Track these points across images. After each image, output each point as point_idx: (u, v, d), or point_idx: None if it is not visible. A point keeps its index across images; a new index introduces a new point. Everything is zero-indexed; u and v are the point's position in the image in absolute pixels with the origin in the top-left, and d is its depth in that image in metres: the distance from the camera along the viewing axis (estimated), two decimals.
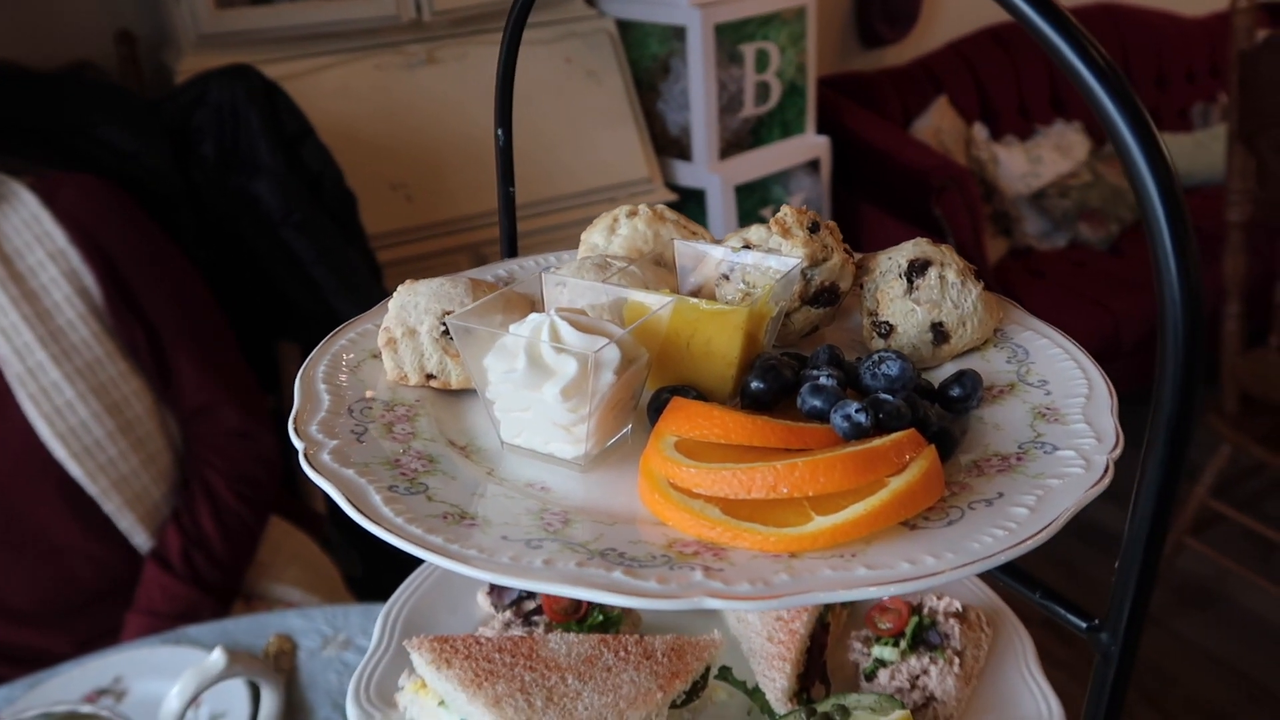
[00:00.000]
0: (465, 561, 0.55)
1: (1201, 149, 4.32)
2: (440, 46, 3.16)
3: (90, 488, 1.83)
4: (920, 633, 0.88)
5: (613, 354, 0.66)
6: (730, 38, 3.32)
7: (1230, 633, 3.14)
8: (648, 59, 3.41)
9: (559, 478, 0.68)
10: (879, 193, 3.78)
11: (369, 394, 0.76)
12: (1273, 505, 3.37)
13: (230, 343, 2.07)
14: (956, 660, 0.86)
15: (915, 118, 4.02)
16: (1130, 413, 0.68)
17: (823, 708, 0.78)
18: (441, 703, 0.83)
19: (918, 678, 0.85)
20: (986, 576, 0.70)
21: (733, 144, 3.45)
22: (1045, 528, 0.56)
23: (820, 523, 0.57)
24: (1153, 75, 4.63)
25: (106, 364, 1.84)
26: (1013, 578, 0.57)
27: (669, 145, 3.45)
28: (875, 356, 0.70)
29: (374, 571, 2.42)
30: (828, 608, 0.94)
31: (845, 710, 0.77)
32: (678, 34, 3.29)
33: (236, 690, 1.57)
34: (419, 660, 0.84)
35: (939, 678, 0.84)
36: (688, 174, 3.41)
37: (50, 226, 1.82)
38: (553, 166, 3.21)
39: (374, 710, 0.86)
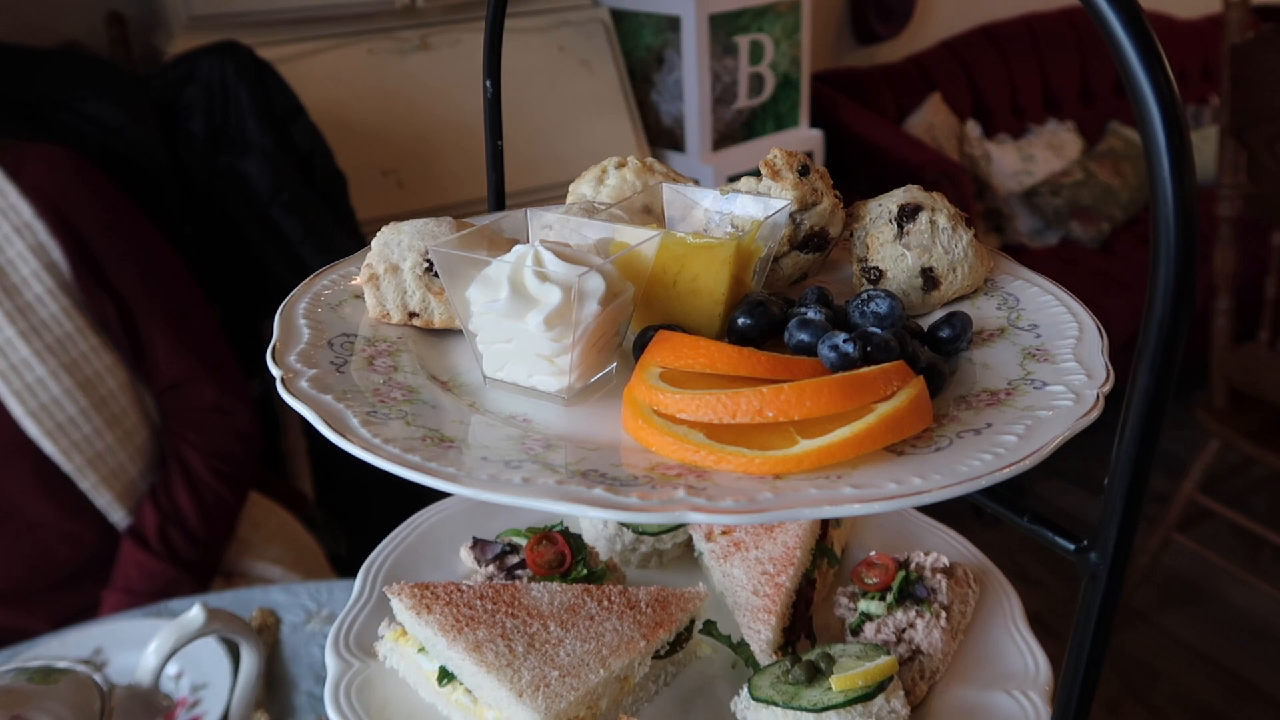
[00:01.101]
0: (442, 477, 0.53)
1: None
2: (433, 33, 3.14)
3: (65, 465, 1.81)
4: (907, 587, 0.87)
5: (597, 283, 0.65)
6: (724, 29, 3.31)
7: (1217, 629, 3.14)
8: (641, 49, 3.41)
9: (542, 411, 0.67)
10: (871, 187, 3.77)
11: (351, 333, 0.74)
12: (1260, 501, 3.38)
13: (206, 317, 2.05)
14: (943, 614, 0.85)
15: (908, 114, 4.02)
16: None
17: (808, 656, 0.77)
18: (421, 649, 0.82)
19: (904, 631, 0.84)
20: (973, 526, 0.69)
21: (726, 136, 3.45)
22: (1034, 453, 0.55)
23: (805, 445, 0.56)
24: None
25: (77, 339, 1.82)
26: (999, 504, 0.56)
27: (662, 136, 3.45)
28: (864, 295, 0.69)
29: (359, 551, 2.40)
30: (814, 564, 0.93)
31: (830, 659, 0.76)
32: (672, 24, 3.28)
33: (218, 662, 1.55)
34: (399, 606, 0.83)
35: (925, 631, 0.83)
36: (680, 165, 3.41)
37: (15, 199, 1.79)
38: (544, 155, 3.20)
39: (353, 659, 0.85)
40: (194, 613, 1.04)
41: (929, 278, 0.77)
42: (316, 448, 2.55)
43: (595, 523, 1.01)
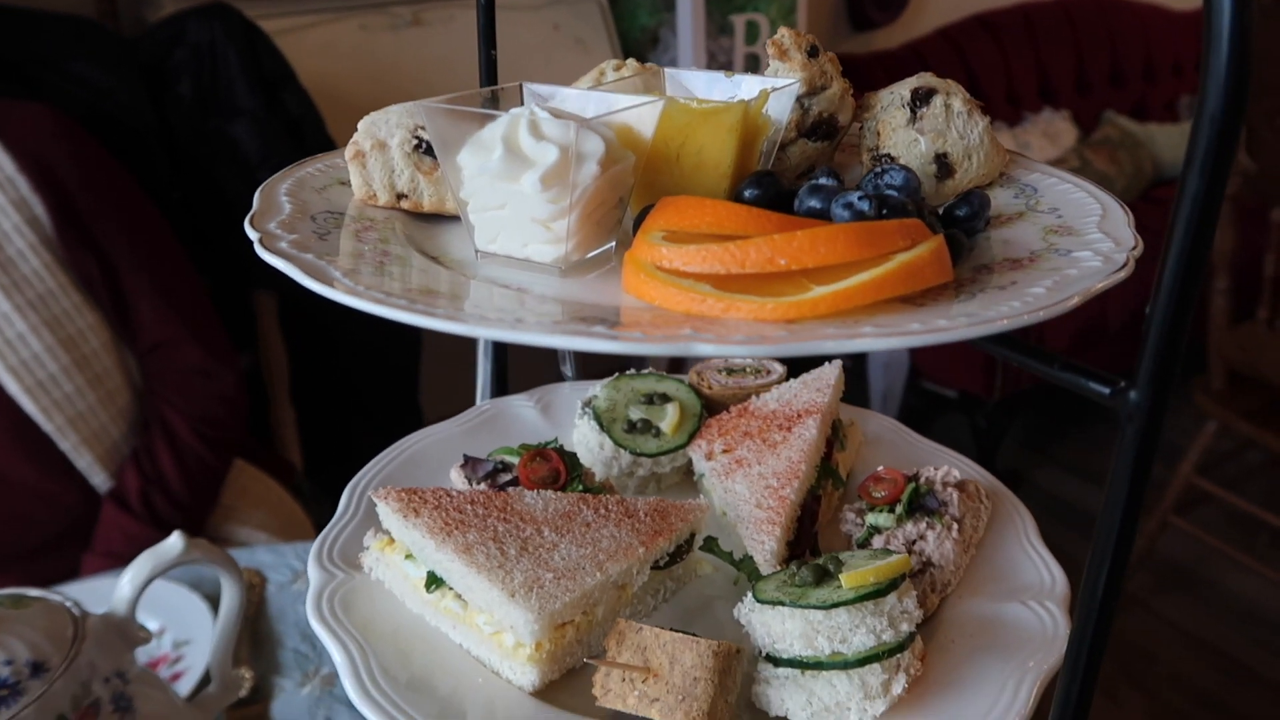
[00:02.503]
0: (430, 315, 0.49)
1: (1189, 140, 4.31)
2: (426, 9, 3.11)
3: (45, 424, 1.77)
4: (917, 499, 0.83)
5: (596, 143, 0.61)
6: (720, 9, 3.29)
7: (1213, 613, 3.12)
8: (637, 30, 3.38)
9: (538, 283, 0.63)
10: None
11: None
12: (1257, 485, 3.35)
13: (191, 278, 2.01)
14: (955, 526, 0.81)
15: None
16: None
17: (816, 561, 0.73)
18: (408, 556, 0.78)
19: (914, 543, 0.80)
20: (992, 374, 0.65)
21: None
22: (1062, 301, 0.52)
23: (820, 290, 0.52)
24: (1140, 68, 4.63)
25: (60, 296, 1.78)
26: (1028, 356, 0.52)
27: None
28: (878, 169, 0.66)
29: None
30: (820, 479, 0.90)
31: (839, 562, 0.72)
32: (667, 4, 3.25)
33: (201, 618, 1.51)
34: (385, 510, 0.78)
35: (936, 542, 0.80)
36: None
37: None
38: None
39: (336, 571, 0.81)
40: (172, 540, 1.00)
41: (943, 164, 0.74)
42: (306, 419, 2.51)
43: (591, 445, 0.97)
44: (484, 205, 0.63)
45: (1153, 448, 0.47)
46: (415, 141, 0.71)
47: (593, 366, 1.15)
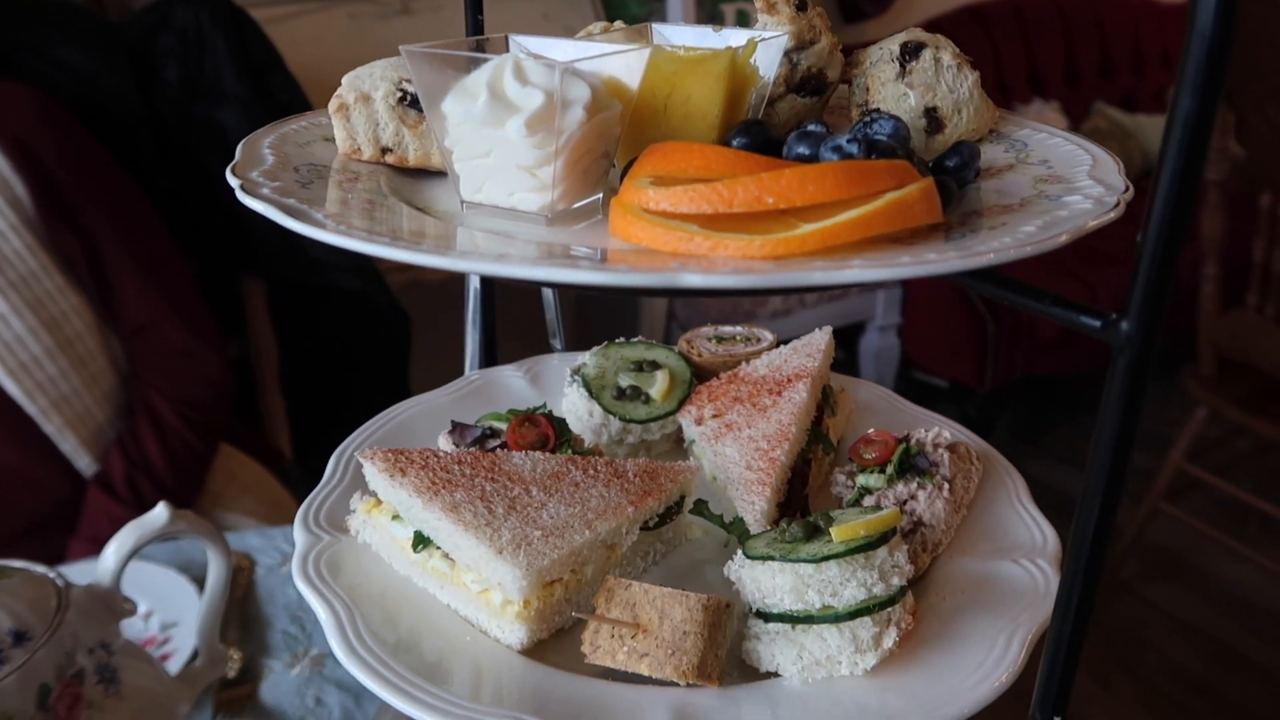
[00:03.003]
0: (416, 250, 0.49)
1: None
2: None
3: (28, 406, 1.75)
4: (908, 460, 0.83)
5: (582, 89, 0.61)
6: None
7: (1204, 600, 3.12)
8: (627, 18, 3.36)
9: (523, 231, 0.62)
10: None
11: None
12: (1246, 472, 3.36)
13: (175, 260, 1.99)
14: (946, 486, 0.81)
15: None
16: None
17: (808, 519, 0.73)
18: (395, 517, 0.77)
19: (905, 503, 0.80)
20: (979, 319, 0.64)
21: None
22: (1053, 237, 0.51)
23: (809, 227, 0.52)
24: (1130, 58, 4.65)
25: (42, 278, 1.76)
26: (1020, 294, 0.52)
27: None
28: (866, 119, 0.65)
29: None
30: (810, 443, 0.89)
31: (830, 519, 0.72)
32: None
33: (188, 600, 1.50)
34: (372, 471, 0.78)
35: (927, 502, 0.79)
36: None
37: None
38: None
39: (322, 534, 0.80)
40: (157, 511, 0.98)
41: (933, 118, 0.73)
42: (295, 407, 2.50)
43: (580, 412, 0.96)
44: (469, 153, 0.63)
45: (1144, 380, 0.46)
46: (400, 94, 0.70)
47: (583, 339, 1.14)
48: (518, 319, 1.38)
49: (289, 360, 2.50)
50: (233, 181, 0.61)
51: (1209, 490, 3.09)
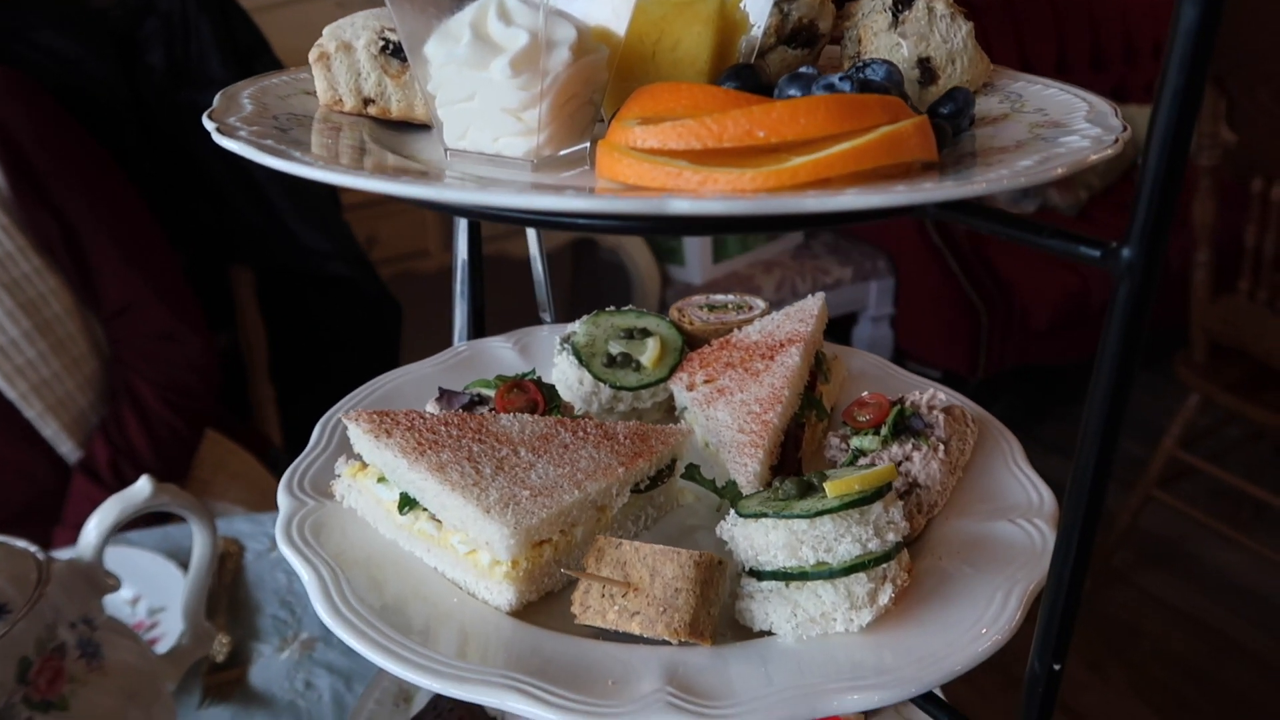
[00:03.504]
0: (397, 181, 0.47)
1: None
2: None
3: (8, 391, 1.73)
4: (902, 421, 0.81)
5: (567, 30, 0.59)
6: None
7: (1197, 587, 3.12)
8: None
9: (509, 178, 0.60)
10: None
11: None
12: (1239, 459, 3.36)
13: (157, 243, 1.97)
14: (941, 448, 0.79)
15: None
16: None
17: (801, 477, 0.72)
18: (381, 479, 0.76)
19: (900, 464, 0.79)
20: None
21: None
22: (1049, 169, 0.50)
23: (800, 159, 0.50)
24: (1120, 49, 4.65)
25: (19, 260, 1.74)
26: (1016, 228, 0.51)
27: None
28: (859, 63, 0.64)
29: None
30: (803, 409, 0.88)
31: (824, 477, 0.70)
32: None
33: (175, 585, 1.48)
34: (357, 432, 0.76)
35: (923, 463, 0.78)
36: None
37: None
38: None
39: (307, 499, 0.78)
40: (140, 484, 0.97)
41: (926, 69, 0.72)
42: (285, 396, 2.48)
43: (570, 380, 0.95)
44: (452, 97, 0.61)
45: (1145, 308, 0.45)
46: (382, 43, 0.69)
47: (575, 309, 1.13)
48: (507, 303, 1.36)
49: (278, 349, 2.48)
50: (209, 125, 0.59)
51: (1202, 477, 3.09)
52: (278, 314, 2.48)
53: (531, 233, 1.10)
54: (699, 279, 3.53)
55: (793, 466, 0.84)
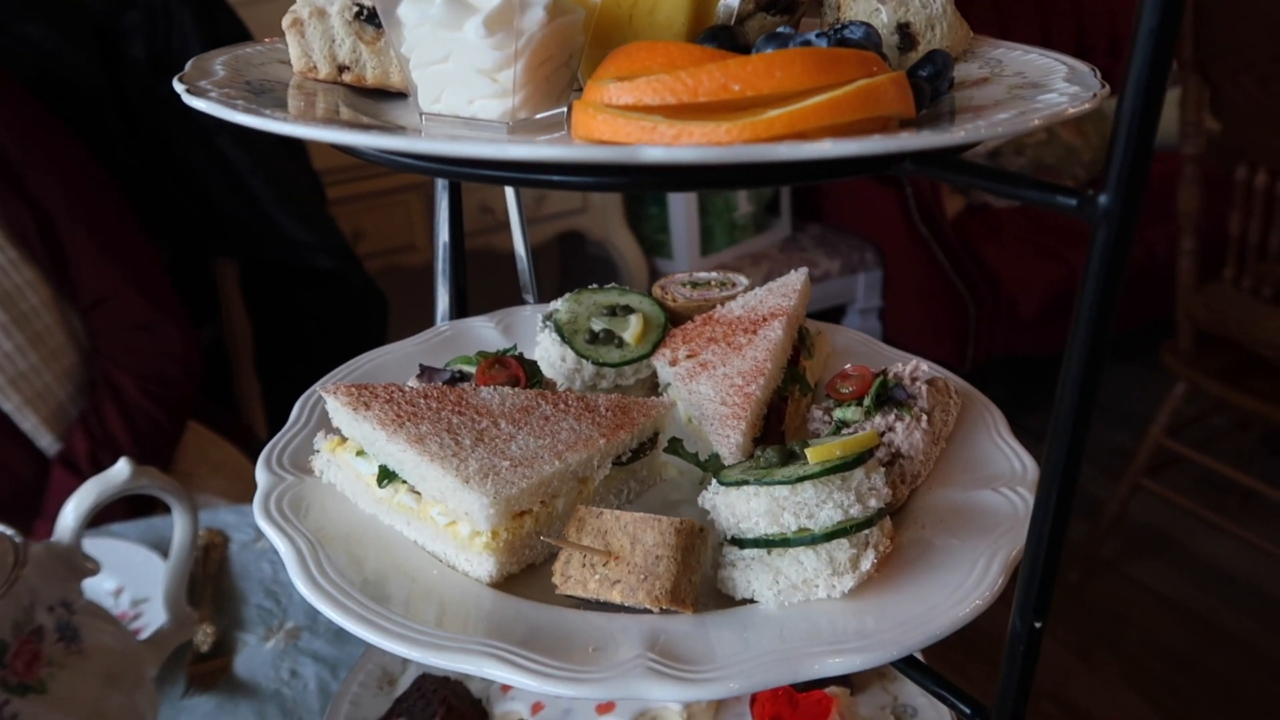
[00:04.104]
0: (370, 132, 0.47)
1: None
2: None
3: None
4: (885, 392, 0.81)
5: None
6: None
7: (1185, 575, 3.13)
8: None
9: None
10: None
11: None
12: (1226, 447, 3.38)
13: (134, 232, 1.94)
14: (924, 418, 0.79)
15: None
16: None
17: (783, 446, 0.71)
18: (360, 453, 0.75)
19: (883, 434, 0.78)
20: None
21: None
22: (1028, 121, 0.50)
23: (776, 111, 0.50)
24: (1106, 41, 4.66)
25: None
26: (993, 180, 0.50)
27: None
28: (837, 25, 0.64)
29: None
30: (786, 381, 0.88)
31: (806, 444, 0.70)
32: None
33: (158, 575, 1.47)
34: (335, 405, 0.75)
35: (905, 433, 0.78)
36: None
37: None
38: None
39: (285, 474, 0.78)
40: (118, 467, 0.96)
41: (905, 35, 0.72)
42: (270, 389, 2.46)
43: (553, 358, 0.94)
44: (427, 59, 0.60)
45: (1123, 255, 0.45)
46: (356, 8, 0.68)
47: (558, 288, 1.12)
48: (492, 296, 1.35)
49: (264, 342, 2.47)
50: (179, 87, 0.58)
51: (1189, 466, 3.10)
52: (263, 307, 2.47)
53: (513, 206, 1.09)
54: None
55: (775, 440, 0.83)
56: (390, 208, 3.12)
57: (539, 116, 0.63)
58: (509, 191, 1.10)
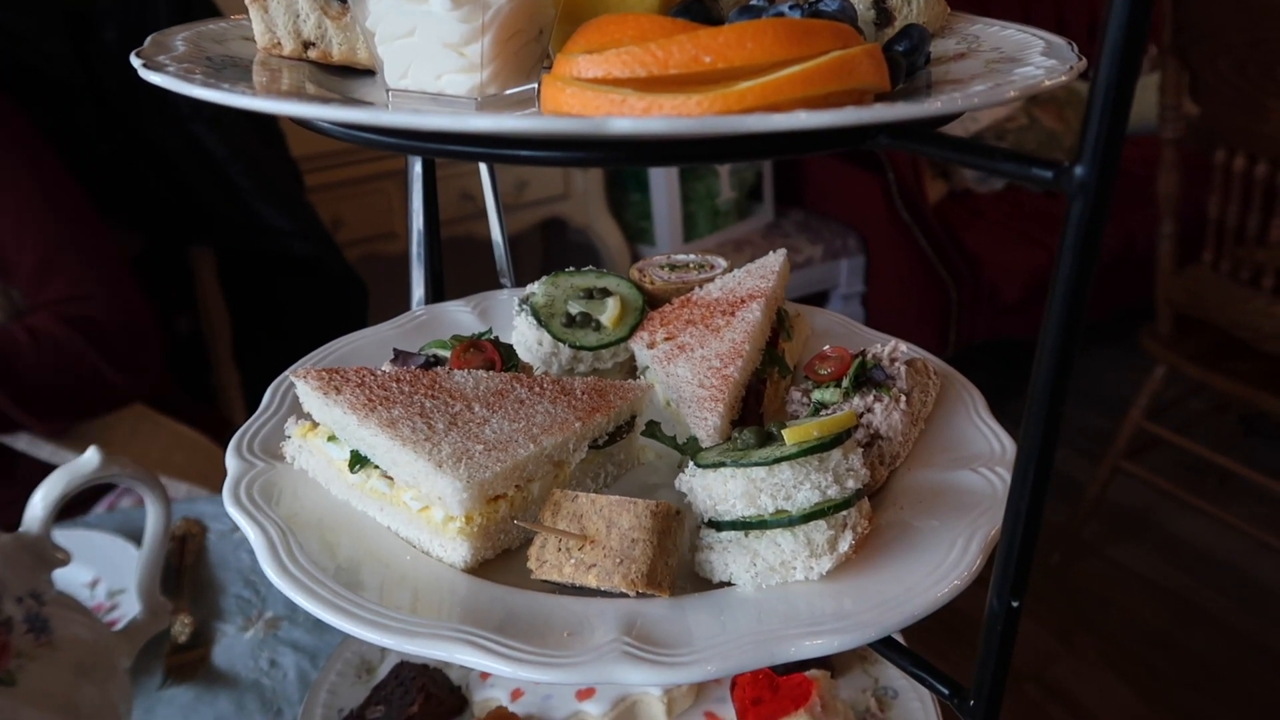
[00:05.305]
0: (334, 105, 0.45)
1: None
2: None
3: None
4: (864, 373, 0.80)
5: None
6: None
7: (1164, 556, 3.16)
8: None
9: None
10: None
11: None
12: (1205, 429, 3.40)
13: (69, 201, 1.85)
14: (903, 399, 0.78)
15: None
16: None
17: (760, 428, 0.70)
18: (332, 438, 0.74)
19: (861, 415, 0.78)
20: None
21: None
22: (1004, 92, 0.49)
23: (748, 83, 0.49)
24: (1085, 26, 4.67)
25: None
26: (970, 153, 0.49)
27: None
28: None
29: None
30: (765, 363, 0.87)
31: (784, 426, 0.69)
32: None
33: (134, 566, 1.45)
34: (305, 390, 0.74)
35: (884, 414, 0.77)
36: None
37: None
38: None
39: (256, 460, 0.76)
40: (87, 455, 0.94)
41: (882, 9, 0.71)
42: (249, 382, 2.44)
43: (530, 342, 0.93)
44: (392, 33, 0.59)
45: (1099, 225, 0.44)
46: None
47: (540, 275, 1.11)
48: (470, 285, 1.33)
49: (242, 332, 2.44)
50: (135, 62, 0.57)
51: (1168, 448, 3.12)
52: (241, 297, 2.44)
53: (488, 188, 1.07)
54: None
55: (754, 422, 0.83)
56: (369, 195, 3.09)
57: (509, 92, 0.61)
58: (484, 174, 1.08)
